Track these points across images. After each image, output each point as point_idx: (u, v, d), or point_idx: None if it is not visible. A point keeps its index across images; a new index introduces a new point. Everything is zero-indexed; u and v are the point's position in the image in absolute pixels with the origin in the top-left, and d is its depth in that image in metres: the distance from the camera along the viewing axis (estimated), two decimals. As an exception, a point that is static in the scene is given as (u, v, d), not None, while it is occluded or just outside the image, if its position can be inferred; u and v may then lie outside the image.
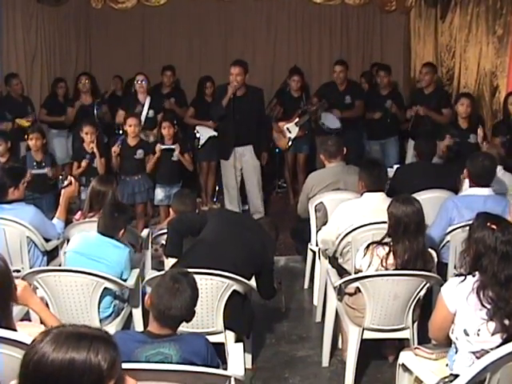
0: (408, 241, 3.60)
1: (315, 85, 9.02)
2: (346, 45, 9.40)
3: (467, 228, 3.04)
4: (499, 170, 5.00)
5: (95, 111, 7.50)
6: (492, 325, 2.72)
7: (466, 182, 4.58)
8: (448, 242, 4.34)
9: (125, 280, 4.00)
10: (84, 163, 6.26)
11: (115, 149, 6.33)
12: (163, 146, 6.42)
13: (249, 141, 6.76)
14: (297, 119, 7.72)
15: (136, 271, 4.32)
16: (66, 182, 4.98)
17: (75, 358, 1.54)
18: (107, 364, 1.58)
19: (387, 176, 4.93)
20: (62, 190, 4.94)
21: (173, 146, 6.45)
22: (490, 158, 4.54)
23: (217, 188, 7.90)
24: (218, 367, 2.77)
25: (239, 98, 6.52)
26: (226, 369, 2.95)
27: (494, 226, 2.81)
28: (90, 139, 6.24)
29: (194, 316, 2.84)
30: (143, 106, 7.20)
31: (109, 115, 7.76)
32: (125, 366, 2.43)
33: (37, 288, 3.71)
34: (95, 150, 6.20)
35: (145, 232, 5.07)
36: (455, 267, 4.11)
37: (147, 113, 7.22)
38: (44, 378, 1.54)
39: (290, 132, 7.78)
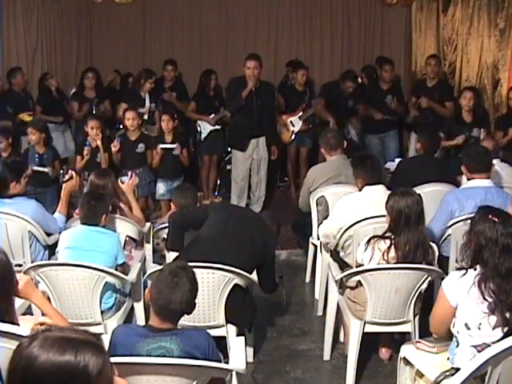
0: (409, 232, 3.60)
1: (317, 78, 9.02)
2: (348, 38, 9.37)
3: (468, 221, 3.04)
4: (496, 162, 5.00)
5: (93, 108, 7.53)
6: (493, 318, 2.73)
7: (464, 178, 4.59)
8: (449, 235, 4.35)
9: (122, 265, 4.02)
10: (86, 150, 6.25)
11: (115, 144, 6.33)
12: (163, 146, 6.40)
13: (262, 132, 6.81)
14: (300, 113, 7.72)
15: (137, 265, 4.33)
16: (66, 177, 4.98)
17: (61, 363, 1.52)
18: (95, 369, 1.55)
19: (381, 166, 4.92)
20: (63, 185, 4.95)
21: (173, 146, 6.42)
22: (482, 146, 4.62)
23: (218, 182, 7.90)
24: (219, 361, 2.78)
25: (254, 91, 6.54)
26: (227, 362, 2.96)
27: (495, 219, 2.82)
28: (96, 133, 6.23)
29: (195, 308, 2.84)
30: (145, 100, 7.20)
31: (109, 111, 7.78)
32: (126, 359, 2.45)
33: (38, 282, 3.71)
34: (99, 144, 6.20)
35: (146, 226, 5.07)
36: (456, 261, 4.12)
37: (149, 107, 7.22)
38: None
39: (293, 126, 7.78)
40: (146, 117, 7.11)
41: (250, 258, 3.90)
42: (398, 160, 6.07)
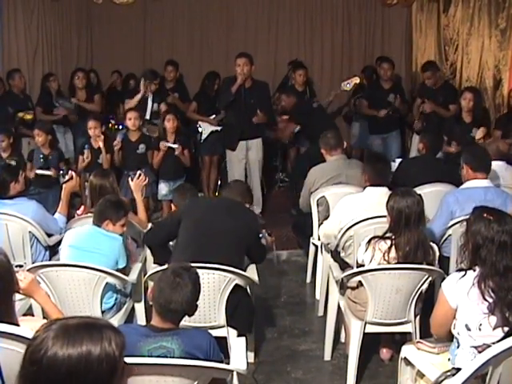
0: (409, 232, 3.61)
1: (317, 78, 9.04)
2: (348, 38, 9.37)
3: (465, 223, 3.04)
4: (501, 164, 5.00)
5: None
6: (493, 319, 2.73)
7: None
8: (450, 235, 4.34)
9: (123, 269, 4.02)
10: (86, 153, 6.25)
11: (116, 143, 6.33)
12: (167, 144, 6.39)
13: (256, 134, 6.78)
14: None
15: (138, 266, 4.33)
16: (66, 177, 4.99)
17: (91, 350, 1.55)
18: (119, 350, 1.60)
19: (391, 171, 4.92)
20: (63, 185, 4.95)
21: (174, 146, 6.40)
22: (481, 147, 4.65)
23: (219, 182, 7.90)
24: (220, 361, 2.77)
25: (246, 90, 6.53)
26: (228, 363, 2.96)
27: (490, 217, 2.82)
28: (94, 133, 6.22)
29: (197, 310, 2.84)
30: (147, 100, 7.19)
31: (98, 106, 7.76)
32: (127, 360, 2.44)
33: (39, 283, 3.71)
34: (101, 146, 6.20)
35: (147, 227, 5.06)
36: (457, 262, 4.11)
37: (152, 106, 7.21)
38: (61, 374, 1.53)
39: None
40: (147, 117, 7.11)
41: (240, 250, 3.90)
42: (398, 160, 6.07)
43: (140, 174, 5.13)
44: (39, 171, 6.03)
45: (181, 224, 3.92)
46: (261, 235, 4.28)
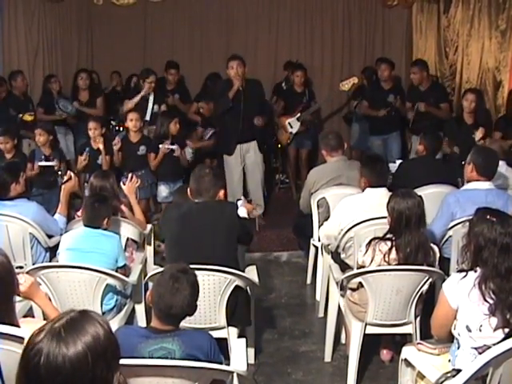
0: (410, 234, 3.60)
1: (317, 79, 9.04)
2: (348, 39, 9.37)
3: (467, 223, 3.04)
4: (502, 165, 4.99)
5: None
6: (494, 320, 2.72)
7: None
8: (450, 236, 4.34)
9: (122, 267, 4.03)
10: (84, 156, 6.25)
11: (116, 142, 6.31)
12: (167, 146, 6.36)
13: (253, 136, 6.74)
14: (298, 114, 7.72)
15: (138, 267, 4.33)
16: (65, 178, 4.98)
17: (98, 332, 1.61)
18: (106, 321, 1.70)
19: (388, 171, 4.93)
20: (62, 186, 4.95)
21: (174, 147, 6.39)
22: (493, 150, 4.61)
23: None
24: (220, 363, 2.77)
25: (242, 92, 6.48)
26: (228, 364, 2.96)
27: (493, 219, 2.82)
28: (94, 134, 6.22)
29: (197, 310, 2.84)
30: (147, 101, 7.19)
31: (100, 110, 7.78)
32: (128, 361, 2.45)
33: (39, 284, 3.71)
34: (101, 147, 6.19)
35: (147, 228, 5.06)
36: (457, 262, 4.11)
37: (152, 108, 7.21)
38: (88, 364, 1.56)
39: (291, 127, 7.78)
40: (148, 118, 7.11)
41: (232, 244, 3.87)
42: (398, 162, 6.07)
43: (132, 177, 5.10)
44: (42, 163, 6.03)
45: (164, 242, 3.90)
46: (240, 203, 4.24)
